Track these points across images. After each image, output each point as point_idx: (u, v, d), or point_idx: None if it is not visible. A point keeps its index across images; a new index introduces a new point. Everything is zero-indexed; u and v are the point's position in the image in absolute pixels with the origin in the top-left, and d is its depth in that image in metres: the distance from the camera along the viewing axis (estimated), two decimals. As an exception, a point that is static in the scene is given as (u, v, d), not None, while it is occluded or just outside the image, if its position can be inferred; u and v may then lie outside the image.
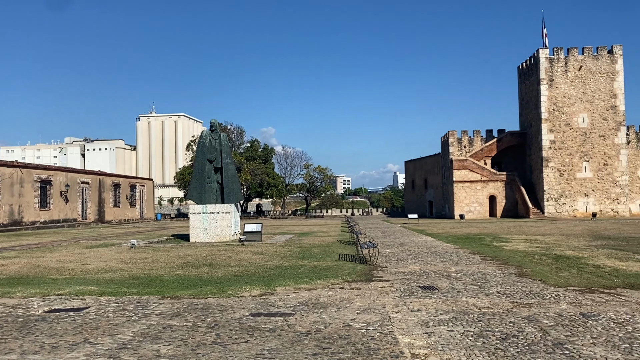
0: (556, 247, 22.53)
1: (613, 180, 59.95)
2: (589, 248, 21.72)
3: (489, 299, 10.73)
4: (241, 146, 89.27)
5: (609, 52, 60.28)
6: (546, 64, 60.35)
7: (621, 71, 59.96)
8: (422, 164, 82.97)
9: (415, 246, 23.80)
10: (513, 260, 17.79)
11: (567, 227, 38.62)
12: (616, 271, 14.70)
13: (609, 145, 59.92)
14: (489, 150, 66.62)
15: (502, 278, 13.67)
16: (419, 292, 11.72)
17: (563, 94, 60.26)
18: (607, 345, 7.21)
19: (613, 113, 59.87)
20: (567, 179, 60.22)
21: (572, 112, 60.18)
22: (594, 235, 28.90)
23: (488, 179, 64.22)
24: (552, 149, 60.26)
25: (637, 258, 17.87)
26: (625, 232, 31.76)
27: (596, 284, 12.63)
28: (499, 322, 8.67)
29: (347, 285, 12.81)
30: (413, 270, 15.37)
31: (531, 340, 7.56)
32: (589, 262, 16.97)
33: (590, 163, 60.05)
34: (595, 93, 59.99)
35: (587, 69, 60.16)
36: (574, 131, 60.15)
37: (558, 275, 14.16)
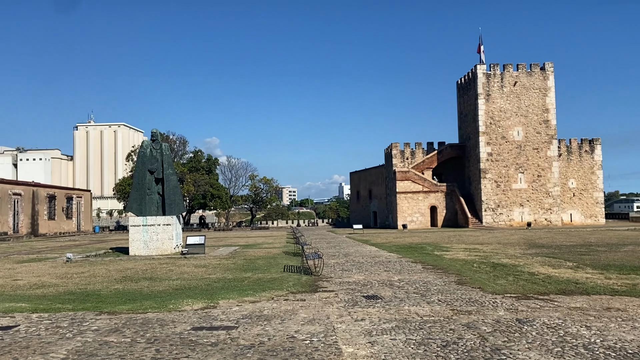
0: (494, 255, 23.33)
1: (546, 191, 62.89)
2: (524, 256, 22.62)
3: (430, 307, 10.95)
4: (184, 156, 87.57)
5: (541, 69, 63.45)
6: (483, 79, 62.83)
7: (553, 87, 63.23)
8: (366, 175, 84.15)
9: (360, 256, 24.03)
10: (453, 268, 18.27)
11: (503, 236, 40.10)
12: (549, 278, 15.37)
13: (542, 158, 62.88)
14: (430, 162, 68.42)
15: (442, 286, 14.00)
16: (363, 301, 11.81)
17: (499, 108, 62.85)
18: (541, 350, 7.50)
19: (545, 127, 62.94)
20: (503, 190, 62.65)
21: (508, 125, 62.82)
22: (528, 244, 30.14)
23: (429, 189, 65.88)
24: (490, 161, 62.60)
25: (569, 265, 18.76)
26: (557, 240, 33.31)
27: (531, 290, 13.14)
28: (439, 330, 8.85)
29: (292, 296, 12.74)
30: (357, 280, 15.49)
31: (470, 346, 7.77)
32: (525, 269, 17.66)
33: (525, 175, 62.77)
34: (529, 108, 62.93)
35: (522, 85, 63.08)
36: (510, 144, 62.76)
37: (496, 282, 14.65)
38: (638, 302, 11.17)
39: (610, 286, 13.49)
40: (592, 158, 67.53)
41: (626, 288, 13.11)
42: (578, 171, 67.13)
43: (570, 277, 15.50)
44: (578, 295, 12.21)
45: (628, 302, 11.12)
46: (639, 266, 17.83)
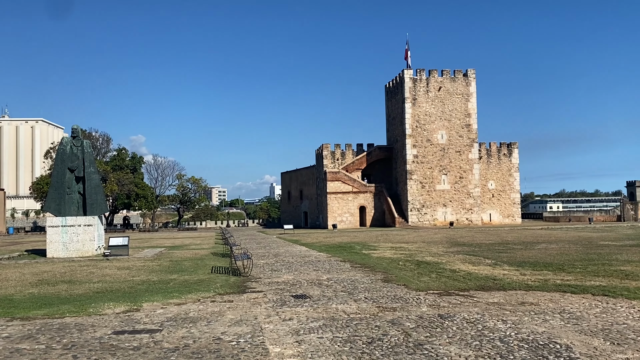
0: (418, 253, 24.09)
1: (467, 192, 65.75)
2: (446, 254, 23.52)
3: (357, 305, 11.14)
4: (107, 154, 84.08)
5: (464, 75, 66.28)
6: (410, 83, 64.79)
7: (474, 93, 66.22)
8: (297, 176, 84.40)
9: (290, 256, 24.06)
10: (380, 266, 18.70)
11: (428, 235, 41.52)
12: (470, 275, 16.07)
13: (464, 160, 65.69)
14: (360, 163, 69.67)
15: (369, 284, 14.30)
16: (291, 301, 11.83)
17: (425, 112, 65.04)
18: (460, 344, 7.82)
19: (467, 131, 65.80)
20: (428, 191, 64.88)
21: (433, 129, 65.13)
22: (451, 243, 31.38)
23: (359, 190, 67.07)
24: (415, 163, 64.63)
25: (488, 262, 19.70)
26: (477, 239, 34.90)
27: (452, 287, 13.68)
28: (365, 327, 9.03)
29: (219, 298, 12.55)
30: (286, 280, 15.50)
31: (395, 342, 7.97)
32: (447, 267, 18.37)
33: (448, 176, 65.33)
34: (453, 112, 65.56)
35: (446, 90, 65.61)
36: (434, 147, 65.09)
37: (419, 279, 15.14)
38: (549, 296, 11.89)
39: (525, 282, 14.29)
40: (510, 161, 71.35)
41: (539, 283, 13.94)
42: (497, 173, 70.69)
43: (489, 273, 16.28)
44: (495, 291, 12.84)
45: (540, 297, 11.82)
46: (550, 263, 19.00)
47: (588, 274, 15.70)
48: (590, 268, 17.07)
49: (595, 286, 13.13)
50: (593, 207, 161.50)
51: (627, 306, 10.45)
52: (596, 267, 17.38)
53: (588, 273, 15.83)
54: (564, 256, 21.52)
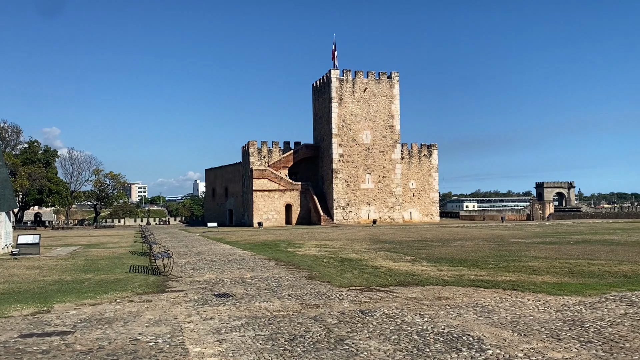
0: (342, 251, 24.47)
1: (390, 191, 67.59)
2: (369, 251, 24.05)
3: (280, 302, 11.14)
4: (17, 147, 78.86)
5: (388, 78, 68.04)
6: (337, 83, 65.64)
7: (398, 95, 68.15)
8: (223, 173, 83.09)
9: (213, 254, 23.65)
10: (304, 264, 18.81)
11: (352, 232, 42.27)
12: (390, 271, 16.53)
13: (387, 160, 67.47)
14: (287, 161, 69.70)
15: (293, 281, 14.34)
16: (213, 300, 11.64)
17: (351, 112, 66.13)
18: (380, 338, 8.02)
19: (391, 132, 67.63)
20: (353, 189, 66.05)
21: (358, 129, 66.37)
22: (373, 240, 32.13)
23: (285, 188, 67.11)
24: (341, 162, 65.59)
25: (407, 259, 20.35)
26: (398, 236, 35.96)
27: (374, 283, 14.01)
28: (288, 324, 9.04)
29: (137, 297, 12.12)
30: (209, 279, 15.22)
31: (316, 338, 8.05)
32: (369, 263, 18.79)
33: (372, 175, 66.85)
34: (377, 113, 67.13)
35: (371, 91, 67.05)
36: (359, 146, 66.36)
37: (342, 276, 15.38)
38: (464, 291, 12.46)
39: (442, 277, 14.89)
40: (430, 162, 74.11)
41: (454, 279, 14.57)
42: (417, 173, 73.20)
43: (408, 269, 16.82)
44: (414, 286, 13.28)
45: (455, 292, 12.36)
46: (466, 259, 19.92)
47: (499, 269, 16.59)
48: (501, 264, 18.06)
49: (505, 281, 13.90)
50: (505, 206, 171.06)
51: (533, 299, 11.14)
52: (507, 263, 18.41)
53: (499, 269, 16.73)
54: (478, 253, 22.63)
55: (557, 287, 12.71)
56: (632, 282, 13.38)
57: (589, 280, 13.75)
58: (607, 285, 12.80)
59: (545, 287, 12.63)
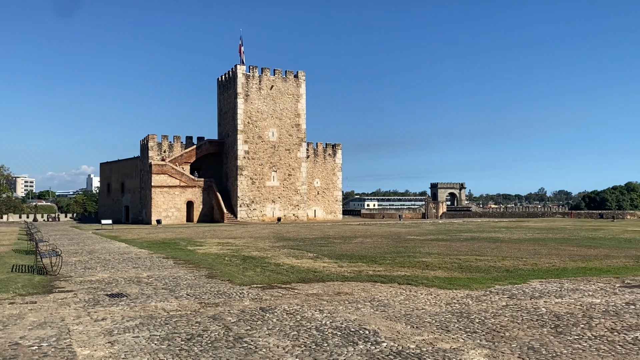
0: (245, 248, 24.27)
1: (295, 189, 68.09)
2: (272, 249, 24.06)
3: (178, 302, 10.82)
4: None
5: (295, 76, 68.45)
6: (243, 79, 64.95)
7: (304, 94, 68.79)
8: (119, 167, 79.15)
9: (107, 253, 22.48)
10: (205, 262, 18.42)
11: (256, 230, 42.07)
12: (292, 268, 16.64)
13: (293, 158, 67.90)
14: (189, 157, 67.84)
15: (193, 280, 13.99)
16: (105, 300, 11.06)
17: (257, 109, 65.75)
18: (279, 334, 8.05)
19: (297, 130, 68.12)
20: (258, 187, 65.74)
21: (264, 126, 66.16)
22: (277, 238, 32.19)
23: (187, 184, 65.30)
24: (246, 159, 65.03)
25: (310, 256, 20.60)
26: (302, 234, 36.32)
27: (276, 280, 14.03)
28: (185, 324, 8.81)
29: (20, 299, 11.22)
30: (101, 278, 14.45)
31: (215, 337, 7.91)
32: (272, 261, 18.79)
33: (278, 173, 66.95)
34: (283, 111, 67.32)
35: (278, 89, 67.10)
36: (265, 144, 66.18)
37: (244, 274, 15.25)
38: (362, 286, 12.84)
39: (342, 273, 15.23)
40: (334, 161, 75.62)
41: (354, 274, 14.97)
42: (322, 172, 74.41)
43: (310, 266, 17.04)
44: (315, 283, 13.47)
45: (354, 287, 12.71)
46: (365, 255, 20.54)
47: (396, 265, 17.29)
48: (398, 260, 18.83)
49: (401, 276, 14.51)
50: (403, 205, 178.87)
51: (425, 293, 11.73)
52: (403, 259, 19.22)
53: (396, 264, 17.44)
54: (377, 249, 23.43)
55: (447, 281, 13.47)
56: (513, 276, 14.50)
57: (476, 275, 14.70)
58: (491, 280, 13.77)
59: (436, 282, 13.34)
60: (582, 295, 11.29)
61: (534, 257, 19.42)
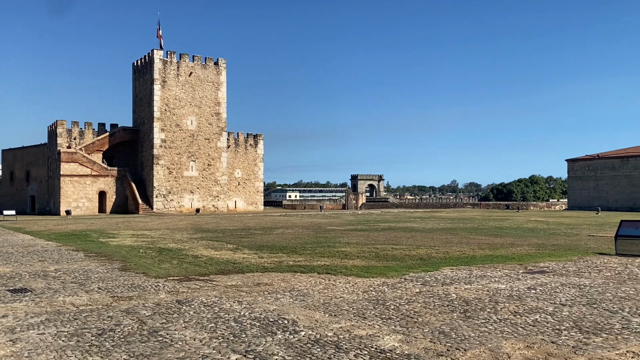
0: (161, 240, 23.56)
1: (215, 179, 66.88)
2: (190, 240, 23.53)
3: (88, 296, 10.32)
4: None
5: (215, 64, 67.00)
6: (160, 65, 62.67)
7: (225, 82, 67.54)
8: (24, 154, 73.97)
9: (9, 246, 20.99)
10: (118, 255, 17.69)
11: (173, 221, 40.94)
12: (211, 260, 16.36)
13: (213, 148, 66.60)
14: (101, 145, 64.65)
15: (105, 274, 13.40)
16: (7, 296, 10.33)
17: (175, 96, 63.75)
18: (196, 327, 7.89)
19: (217, 119, 66.83)
20: (175, 177, 63.91)
21: (183, 114, 64.32)
22: (195, 229, 31.52)
23: (99, 173, 62.26)
24: (163, 148, 62.96)
25: (229, 247, 20.35)
26: (222, 225, 35.80)
27: (194, 272, 13.74)
28: (96, 318, 8.41)
29: None
30: (3, 273, 13.48)
31: (128, 331, 7.62)
32: (189, 253, 18.38)
33: (197, 163, 65.41)
34: (203, 99, 65.76)
35: (197, 76, 65.38)
36: (184, 132, 64.38)
37: (160, 267, 14.80)
38: (282, 276, 12.86)
39: (262, 264, 15.19)
40: (256, 151, 75.05)
41: (274, 265, 14.97)
42: (243, 162, 73.62)
43: (230, 258, 16.84)
44: (235, 274, 13.33)
45: (274, 277, 12.71)
46: (286, 246, 20.59)
47: (316, 255, 17.48)
48: (318, 250, 19.05)
49: (321, 266, 14.69)
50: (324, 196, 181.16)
51: (344, 282, 11.95)
52: (323, 249, 19.48)
53: (316, 254, 17.63)
54: (298, 240, 23.57)
55: (365, 270, 13.81)
56: (426, 264, 15.11)
57: (392, 263, 15.18)
58: (406, 268, 14.28)
59: (355, 271, 13.63)
60: (489, 281, 11.98)
61: (446, 246, 20.36)
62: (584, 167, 73.36)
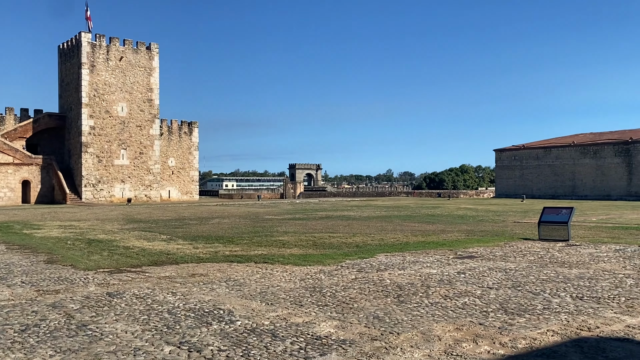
0: (90, 231, 22.64)
1: (147, 168, 64.88)
2: (121, 231, 22.75)
3: (11, 291, 9.77)
4: None
5: (147, 49, 64.72)
6: (88, 48, 59.83)
7: (157, 68, 65.41)
8: (-64, 141, 68.70)
9: None
10: (44, 247, 16.85)
11: (103, 212, 39.42)
12: (143, 251, 15.90)
13: (145, 136, 64.50)
14: (24, 131, 61.06)
15: (29, 267, 12.72)
16: None
17: (104, 82, 61.12)
18: (128, 320, 7.65)
19: (149, 106, 64.72)
20: (105, 166, 61.48)
21: (113, 100, 61.81)
22: (127, 219, 30.50)
23: (22, 162, 58.86)
24: (92, 135, 60.34)
25: (163, 238, 19.85)
26: (155, 215, 34.85)
27: (125, 264, 13.31)
28: (20, 314, 7.98)
29: None
30: None
31: (54, 326, 7.28)
32: (120, 244, 17.77)
33: (128, 151, 63.17)
34: (134, 85, 63.43)
35: (128, 61, 62.93)
36: (114, 119, 61.93)
37: (89, 258, 14.23)
38: (218, 267, 12.70)
39: (197, 255, 14.92)
40: (190, 139, 73.38)
41: (210, 255, 14.74)
42: (177, 151, 71.82)
43: (163, 248, 16.43)
44: (168, 265, 13.03)
45: (210, 268, 12.52)
46: (222, 236, 20.33)
47: (253, 244, 17.38)
48: (255, 239, 18.94)
49: (258, 255, 14.62)
50: (262, 185, 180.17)
51: (281, 271, 11.96)
52: (260, 238, 19.38)
53: (253, 244, 17.53)
54: (235, 229, 23.33)
55: (302, 258, 13.87)
56: (362, 251, 15.39)
57: (329, 251, 15.34)
58: (343, 255, 14.47)
59: (292, 259, 13.67)
60: (422, 266, 12.36)
61: (381, 233, 20.81)
62: (510, 157, 76.90)
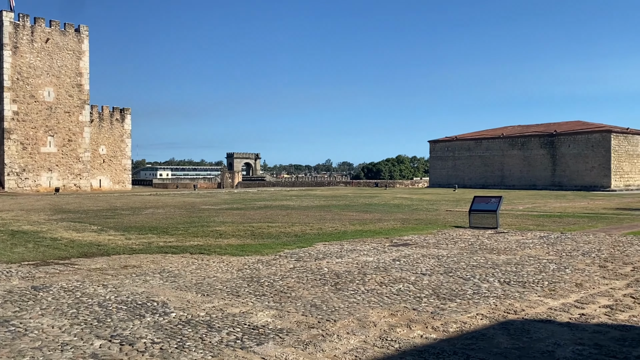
0: (14, 222, 21.43)
1: (77, 156, 62.03)
2: (48, 222, 21.68)
3: None
4: None
5: (76, 31, 61.60)
6: (10, 28, 56.22)
7: (87, 51, 62.42)
8: None
9: None
10: (-39, 240, 15.78)
11: (28, 202, 37.40)
12: (72, 242, 15.23)
13: (74, 122, 61.56)
14: (-62, 116, 56.73)
15: (-56, 261, 11.87)
16: None
17: (29, 65, 57.70)
18: (55, 314, 7.30)
19: (78, 91, 61.76)
20: (30, 153, 58.25)
21: (38, 84, 58.51)
22: (55, 210, 29.09)
23: (-64, 149, 54.70)
24: (16, 121, 56.93)
25: (93, 229, 19.08)
26: (85, 205, 33.43)
27: (52, 256, 12.70)
28: None
29: None
30: None
31: (-28, 324, 6.83)
32: (47, 235, 16.94)
33: (55, 138, 60.11)
34: (62, 69, 60.28)
35: (55, 43, 59.68)
36: (40, 104, 58.68)
37: (13, 251, 13.48)
38: (152, 258, 12.35)
39: (130, 246, 14.45)
40: (123, 127, 70.71)
41: (143, 247, 14.32)
42: (109, 138, 69.06)
43: (94, 240, 15.80)
44: (99, 257, 12.54)
45: (143, 259, 12.16)
46: (156, 227, 19.79)
47: (189, 235, 17.03)
48: (191, 230, 18.56)
49: (194, 246, 14.35)
50: (199, 175, 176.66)
51: (218, 261, 11.79)
52: (196, 228, 19.02)
53: (189, 234, 17.18)
54: (169, 220, 22.78)
55: (240, 248, 13.74)
56: (301, 240, 15.43)
57: (267, 241, 15.28)
58: (281, 245, 14.46)
59: (229, 249, 13.51)
60: (359, 254, 12.55)
61: (320, 222, 20.95)
62: (443, 147, 79.35)
